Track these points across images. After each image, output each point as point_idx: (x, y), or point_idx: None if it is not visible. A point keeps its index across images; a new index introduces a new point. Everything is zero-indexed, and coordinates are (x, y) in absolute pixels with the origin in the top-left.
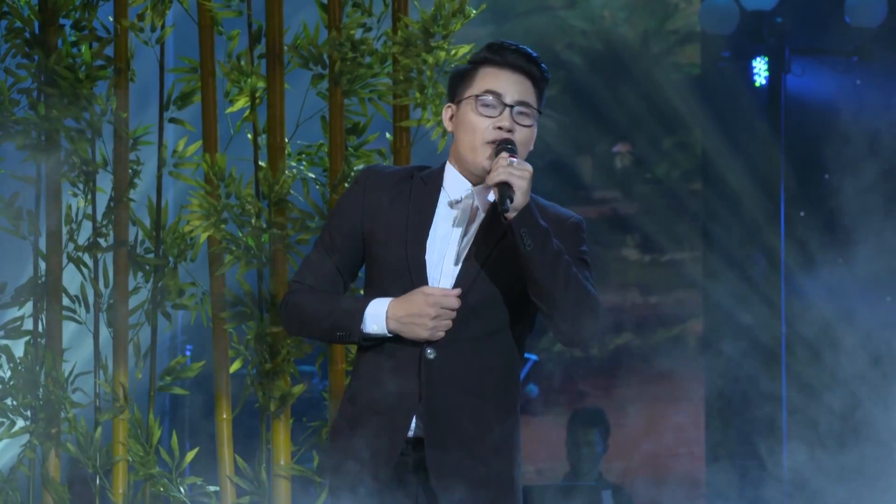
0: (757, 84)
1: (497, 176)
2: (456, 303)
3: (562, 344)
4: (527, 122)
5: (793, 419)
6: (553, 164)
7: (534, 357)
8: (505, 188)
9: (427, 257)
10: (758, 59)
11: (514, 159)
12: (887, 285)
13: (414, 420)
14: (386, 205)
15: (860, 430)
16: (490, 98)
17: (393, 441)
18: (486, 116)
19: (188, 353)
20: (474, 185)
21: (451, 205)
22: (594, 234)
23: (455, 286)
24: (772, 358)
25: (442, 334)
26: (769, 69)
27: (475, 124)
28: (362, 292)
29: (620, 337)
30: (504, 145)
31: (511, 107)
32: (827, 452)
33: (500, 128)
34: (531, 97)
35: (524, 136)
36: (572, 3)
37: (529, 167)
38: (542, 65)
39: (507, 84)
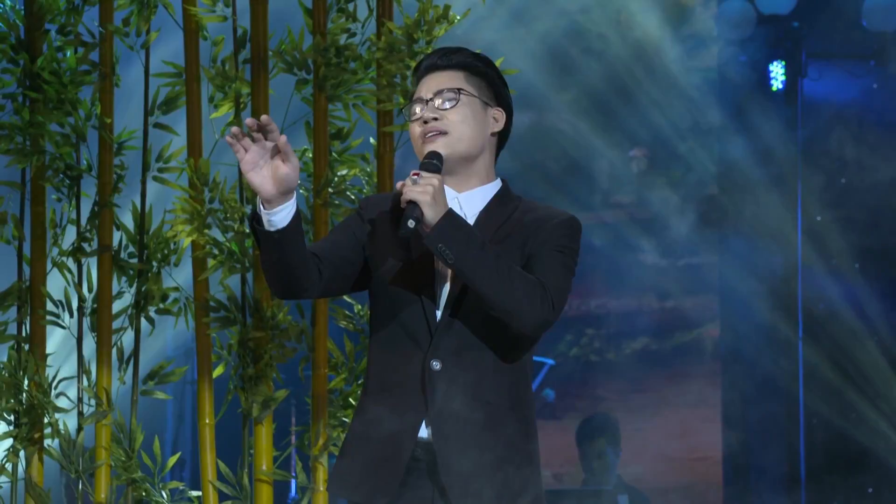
0: (774, 88)
1: (404, 195)
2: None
3: (516, 331)
4: (449, 104)
5: (810, 423)
6: (569, 169)
7: (550, 361)
8: (410, 207)
9: (435, 268)
10: (774, 63)
11: (418, 176)
12: None
13: (423, 427)
14: (387, 219)
15: (877, 431)
16: (415, 104)
17: (400, 451)
18: (415, 119)
19: None
20: (459, 192)
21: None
22: (611, 239)
23: (451, 293)
24: (789, 361)
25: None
26: (786, 73)
27: (412, 131)
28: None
29: (637, 341)
30: (425, 159)
31: (429, 100)
32: (845, 455)
33: (425, 122)
34: (454, 83)
35: (453, 117)
36: (588, 7)
37: (434, 180)
38: (466, 51)
39: (426, 84)
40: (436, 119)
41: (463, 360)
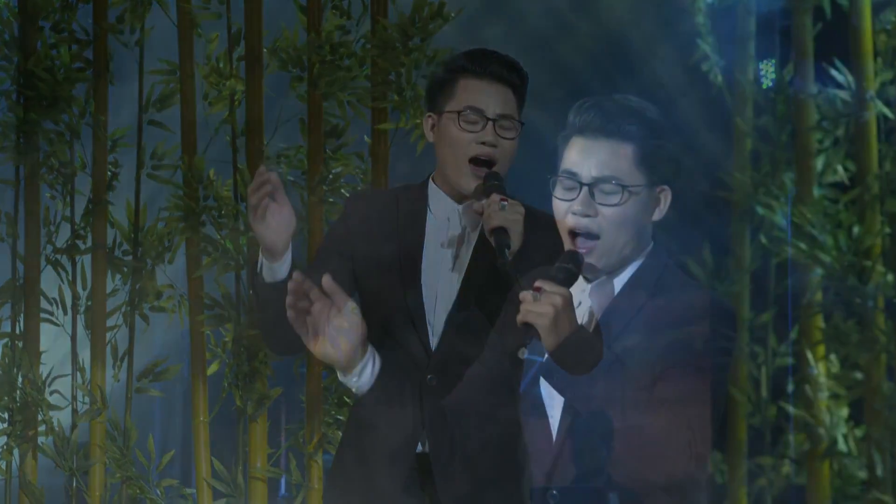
0: (764, 86)
1: (492, 221)
2: (264, 175)
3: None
4: (510, 134)
5: (800, 421)
6: (558, 169)
7: (539, 358)
8: (501, 234)
9: (423, 280)
10: (765, 61)
11: (506, 202)
12: None
13: (419, 441)
14: (375, 228)
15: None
16: (472, 114)
17: (399, 463)
18: (469, 132)
19: None
20: (459, 202)
21: (443, 234)
22: None
23: (452, 309)
24: (780, 360)
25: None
26: (776, 71)
27: (457, 139)
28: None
29: (628, 338)
30: (491, 181)
31: (494, 121)
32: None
33: (483, 143)
34: (513, 108)
35: (507, 148)
36: (576, 6)
37: (522, 208)
38: (523, 70)
39: (489, 97)
40: (494, 147)
41: (459, 373)
